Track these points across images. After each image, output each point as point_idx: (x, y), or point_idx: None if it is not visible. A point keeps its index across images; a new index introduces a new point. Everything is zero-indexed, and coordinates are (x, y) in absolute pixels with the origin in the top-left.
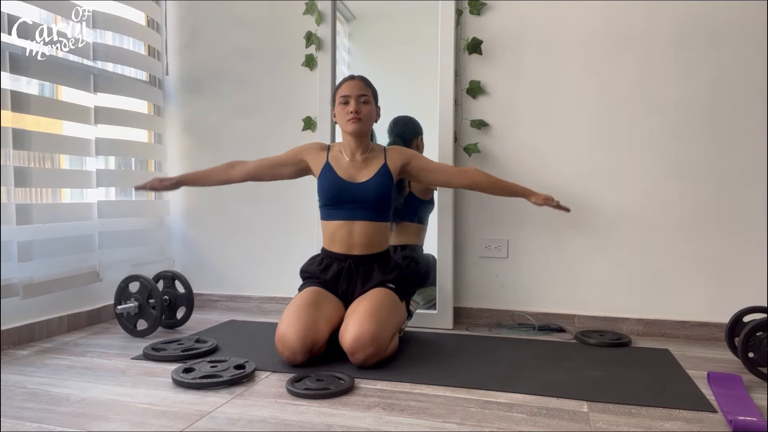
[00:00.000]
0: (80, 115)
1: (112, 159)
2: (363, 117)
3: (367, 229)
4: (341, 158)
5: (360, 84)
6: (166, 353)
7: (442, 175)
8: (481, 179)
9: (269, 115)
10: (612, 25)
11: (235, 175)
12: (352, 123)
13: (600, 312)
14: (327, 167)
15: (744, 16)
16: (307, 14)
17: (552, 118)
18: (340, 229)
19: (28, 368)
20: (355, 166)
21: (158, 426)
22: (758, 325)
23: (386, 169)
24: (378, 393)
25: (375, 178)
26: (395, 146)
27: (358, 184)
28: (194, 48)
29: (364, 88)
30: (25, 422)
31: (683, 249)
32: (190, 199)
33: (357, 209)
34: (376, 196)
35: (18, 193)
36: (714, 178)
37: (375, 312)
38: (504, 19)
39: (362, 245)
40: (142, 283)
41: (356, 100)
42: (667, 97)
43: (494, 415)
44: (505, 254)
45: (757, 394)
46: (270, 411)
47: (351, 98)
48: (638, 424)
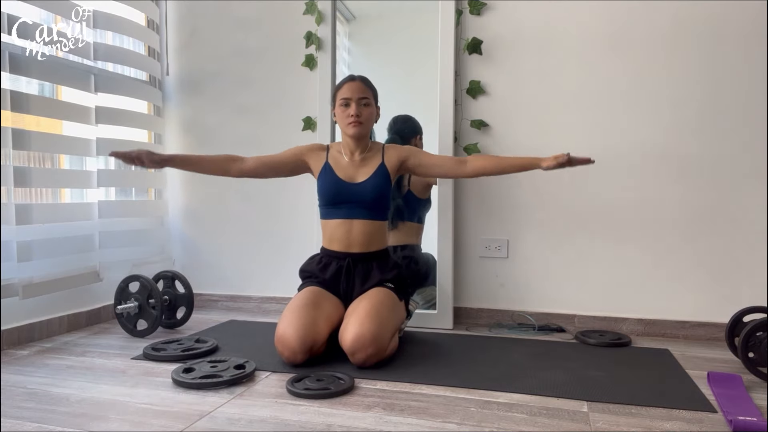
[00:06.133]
0: (80, 115)
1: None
2: (364, 120)
3: (366, 227)
4: (340, 158)
5: (361, 86)
6: (166, 353)
7: (442, 169)
8: (484, 164)
9: (269, 115)
10: (612, 25)
11: (234, 169)
12: (353, 126)
13: (600, 312)
14: (326, 168)
15: (744, 16)
16: (307, 14)
17: (552, 118)
18: (338, 227)
19: (28, 368)
20: (354, 165)
21: (158, 426)
22: (758, 325)
23: (383, 169)
24: (378, 393)
25: (373, 178)
26: (392, 144)
27: (356, 184)
28: (194, 48)
29: (365, 90)
30: (25, 422)
31: (683, 249)
32: (190, 199)
33: (355, 208)
34: (373, 196)
35: (18, 193)
36: (714, 178)
37: (375, 312)
38: (504, 19)
39: (361, 243)
40: (142, 283)
41: (357, 103)
42: (667, 96)
43: (494, 415)
44: (505, 254)
45: (757, 394)
46: (270, 411)
47: (352, 101)
48: (638, 424)
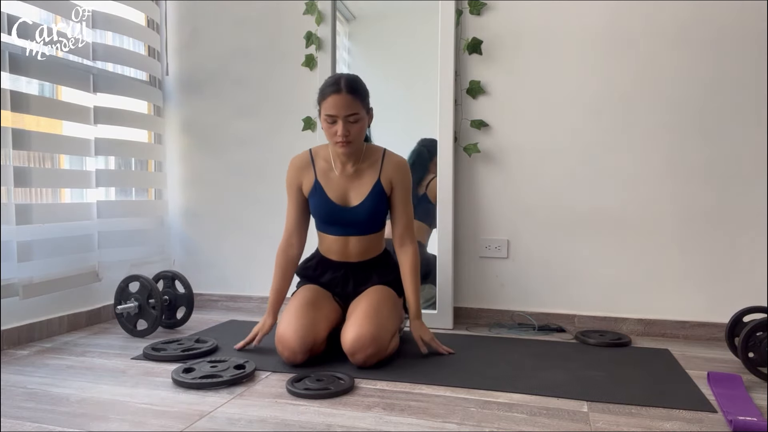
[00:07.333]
0: (80, 115)
1: (112, 159)
2: (353, 139)
3: (362, 242)
4: (330, 173)
5: (348, 100)
6: (166, 353)
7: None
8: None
9: (269, 115)
10: (612, 25)
11: (295, 256)
12: (341, 146)
13: (600, 312)
14: (317, 188)
15: (744, 16)
16: (307, 14)
17: (552, 118)
18: (335, 242)
19: (28, 368)
20: (346, 180)
21: (158, 426)
22: (758, 325)
23: (379, 188)
24: (378, 393)
25: (368, 201)
26: (395, 159)
27: (350, 209)
28: (194, 48)
29: (352, 104)
30: (25, 422)
31: (683, 249)
32: (190, 199)
33: (350, 228)
34: (368, 219)
35: (18, 193)
36: (714, 178)
37: (374, 313)
38: (504, 19)
39: (358, 254)
40: (142, 283)
41: (344, 122)
42: (667, 96)
43: (494, 415)
44: (505, 254)
45: (757, 394)
46: (270, 411)
47: (338, 119)
48: (638, 424)
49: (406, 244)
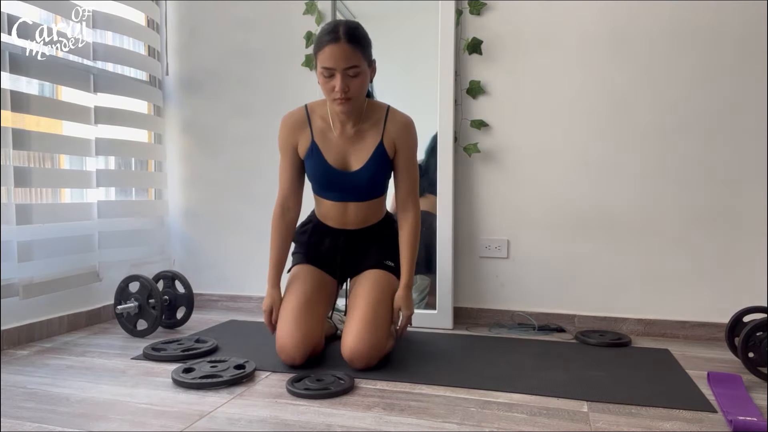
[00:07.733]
0: (80, 115)
1: (112, 159)
2: (353, 95)
3: (362, 208)
4: (328, 132)
5: (347, 51)
6: (166, 353)
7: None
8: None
9: (269, 115)
10: (612, 25)
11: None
12: (340, 104)
13: (600, 312)
14: (313, 149)
15: (744, 16)
16: (307, 14)
17: (552, 118)
18: (332, 208)
19: (28, 368)
20: (346, 142)
21: (158, 426)
22: (758, 325)
23: (382, 150)
24: (378, 393)
25: (369, 166)
26: (399, 119)
27: (349, 174)
28: (194, 48)
29: (353, 55)
30: (25, 422)
31: (683, 249)
32: (190, 199)
33: (349, 194)
34: (369, 184)
35: (18, 193)
36: (713, 178)
37: (372, 318)
38: (504, 19)
39: (358, 221)
40: (142, 283)
41: (343, 75)
42: (667, 96)
43: (494, 415)
44: (505, 254)
45: (757, 394)
46: (270, 411)
47: (336, 72)
48: (638, 424)
49: (407, 209)
